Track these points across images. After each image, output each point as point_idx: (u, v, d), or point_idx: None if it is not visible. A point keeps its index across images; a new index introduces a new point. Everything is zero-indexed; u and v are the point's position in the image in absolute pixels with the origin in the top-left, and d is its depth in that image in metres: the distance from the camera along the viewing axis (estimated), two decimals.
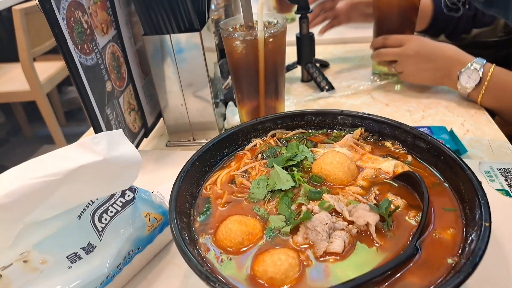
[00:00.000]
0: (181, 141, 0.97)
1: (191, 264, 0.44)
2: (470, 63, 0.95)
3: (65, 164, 0.45)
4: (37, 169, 0.44)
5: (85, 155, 0.47)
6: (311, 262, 0.47)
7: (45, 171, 0.44)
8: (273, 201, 0.57)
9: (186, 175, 0.57)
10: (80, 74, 0.70)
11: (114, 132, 0.50)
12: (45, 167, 0.45)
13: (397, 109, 1.04)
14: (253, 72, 0.80)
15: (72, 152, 0.47)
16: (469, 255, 0.43)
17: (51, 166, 0.45)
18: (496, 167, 0.78)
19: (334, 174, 0.58)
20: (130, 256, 0.59)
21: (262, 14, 0.74)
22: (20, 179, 0.43)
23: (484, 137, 0.90)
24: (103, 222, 0.56)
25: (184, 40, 0.83)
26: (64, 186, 0.45)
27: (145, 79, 0.95)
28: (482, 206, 0.48)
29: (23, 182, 0.43)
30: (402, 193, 0.56)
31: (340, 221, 0.51)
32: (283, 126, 0.71)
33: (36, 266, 0.49)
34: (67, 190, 0.46)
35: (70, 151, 0.47)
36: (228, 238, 0.50)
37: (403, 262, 0.46)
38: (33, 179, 0.43)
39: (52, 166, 0.45)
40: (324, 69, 1.30)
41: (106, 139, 0.49)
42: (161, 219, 0.63)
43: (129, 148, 0.51)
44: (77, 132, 3.14)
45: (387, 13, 1.07)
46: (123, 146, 0.50)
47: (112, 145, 0.49)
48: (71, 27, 0.67)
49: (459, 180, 0.54)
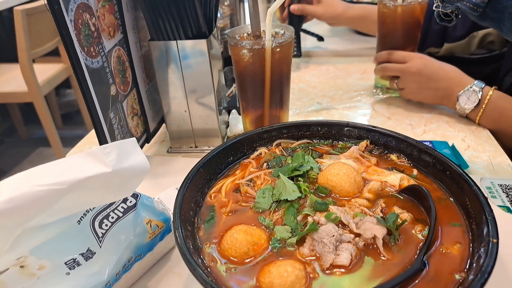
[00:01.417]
0: (183, 148, 0.96)
1: (196, 274, 0.43)
2: (470, 85, 0.96)
3: (72, 173, 0.44)
4: (43, 177, 0.43)
5: (93, 165, 0.45)
6: (318, 275, 0.47)
7: (51, 179, 0.43)
8: (278, 211, 0.56)
9: (191, 182, 0.57)
10: (86, 77, 0.69)
11: (126, 142, 0.49)
12: (51, 175, 0.43)
13: (399, 123, 1.05)
14: (259, 81, 0.80)
15: (80, 161, 0.46)
16: (478, 272, 0.42)
17: (57, 174, 0.43)
18: (497, 183, 0.78)
19: (340, 185, 0.57)
20: (130, 264, 0.58)
21: (271, 24, 0.74)
22: (25, 185, 0.42)
23: (485, 153, 0.90)
24: (104, 228, 0.55)
25: (190, 46, 0.83)
26: (69, 195, 0.44)
27: (149, 84, 0.94)
28: (489, 222, 0.47)
29: (27, 189, 0.42)
30: (408, 206, 0.56)
31: (346, 234, 0.50)
32: (288, 135, 0.71)
33: (33, 272, 0.47)
34: (71, 198, 0.45)
35: (78, 160, 0.46)
36: (233, 247, 0.49)
37: (411, 277, 0.45)
38: (38, 186, 0.42)
39: (58, 174, 0.43)
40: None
41: (117, 149, 0.47)
42: (162, 227, 0.62)
43: (139, 158, 0.50)
44: (74, 135, 3.13)
45: (392, 28, 1.08)
46: (134, 156, 0.49)
47: (123, 156, 0.48)
48: (78, 29, 0.67)
49: (465, 195, 0.54)
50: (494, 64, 1.18)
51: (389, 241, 0.50)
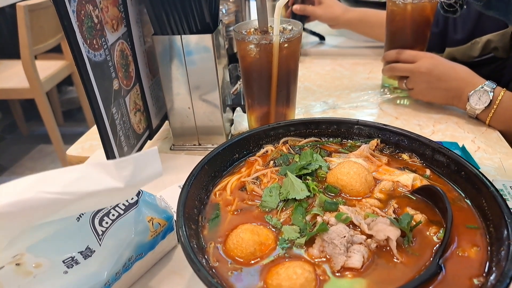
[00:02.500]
0: (186, 145, 0.94)
1: (201, 275, 0.41)
2: (481, 85, 0.94)
3: (81, 184, 0.42)
4: (52, 184, 0.41)
5: (106, 179, 0.43)
6: (328, 277, 0.44)
7: (59, 188, 0.41)
8: (286, 210, 0.54)
9: (195, 179, 0.54)
10: (88, 70, 0.67)
11: (147, 153, 0.45)
12: (60, 183, 0.41)
13: (407, 123, 1.02)
14: (266, 78, 0.78)
15: (92, 172, 0.43)
16: (499, 277, 0.40)
17: (67, 183, 0.41)
18: (509, 186, 0.76)
19: (351, 185, 0.55)
20: (131, 263, 0.56)
21: (279, 18, 0.72)
22: (32, 190, 0.40)
23: (496, 155, 0.88)
24: (104, 225, 0.53)
25: (195, 41, 0.81)
26: (74, 205, 0.42)
27: (152, 79, 0.92)
28: (509, 225, 0.45)
29: (33, 195, 0.40)
30: (421, 207, 0.54)
31: (358, 235, 0.48)
32: (296, 133, 0.69)
33: (29, 270, 0.46)
34: (75, 207, 0.44)
35: (90, 171, 0.43)
36: (239, 247, 0.47)
37: (426, 281, 0.43)
38: (45, 193, 0.40)
39: (68, 183, 0.41)
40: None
41: (134, 164, 0.44)
42: (164, 225, 0.60)
43: (155, 169, 0.46)
44: (75, 132, 3.10)
45: (401, 27, 1.06)
46: (150, 168, 0.45)
47: (138, 170, 0.44)
48: (81, 20, 0.65)
49: (481, 197, 0.52)
50: (492, 65, 1.15)
51: (402, 243, 0.48)
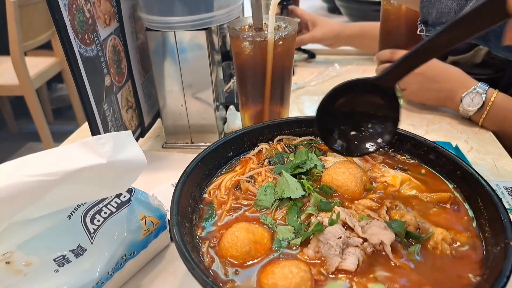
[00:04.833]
0: (179, 143, 0.93)
1: (195, 274, 0.40)
2: (474, 87, 0.95)
3: (64, 164, 0.41)
4: (34, 166, 0.40)
5: (87, 156, 0.42)
6: (324, 277, 0.44)
7: (42, 170, 0.40)
8: (281, 209, 0.53)
9: (189, 176, 0.53)
10: (79, 65, 0.65)
11: (122, 133, 0.46)
12: (43, 165, 0.40)
13: (400, 123, 1.02)
14: (260, 75, 0.77)
15: (74, 151, 0.43)
16: (496, 275, 0.40)
17: (49, 164, 0.40)
18: (502, 186, 0.76)
19: (346, 185, 0.55)
20: (123, 262, 0.55)
21: (274, 15, 0.71)
22: (14, 175, 0.39)
23: (489, 155, 0.89)
24: (96, 223, 0.52)
25: (188, 38, 0.80)
26: (60, 187, 0.41)
27: (145, 76, 0.91)
28: (505, 224, 0.45)
29: (16, 179, 0.39)
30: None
31: (355, 237, 0.47)
32: (291, 132, 0.68)
33: (19, 268, 0.45)
34: (63, 191, 0.42)
35: (72, 150, 0.43)
36: (234, 246, 0.46)
37: None
38: (28, 176, 0.39)
39: (50, 164, 0.40)
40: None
41: (113, 140, 0.44)
42: (157, 223, 0.59)
43: (135, 151, 0.47)
44: (65, 130, 3.06)
45: (395, 25, 1.06)
46: (130, 149, 0.46)
47: (118, 147, 0.45)
48: (72, 14, 0.63)
49: (477, 196, 0.52)
50: (489, 69, 1.16)
51: (401, 248, 0.47)
